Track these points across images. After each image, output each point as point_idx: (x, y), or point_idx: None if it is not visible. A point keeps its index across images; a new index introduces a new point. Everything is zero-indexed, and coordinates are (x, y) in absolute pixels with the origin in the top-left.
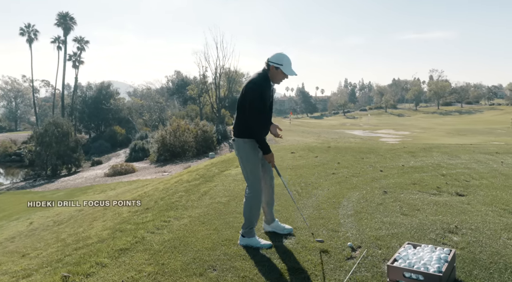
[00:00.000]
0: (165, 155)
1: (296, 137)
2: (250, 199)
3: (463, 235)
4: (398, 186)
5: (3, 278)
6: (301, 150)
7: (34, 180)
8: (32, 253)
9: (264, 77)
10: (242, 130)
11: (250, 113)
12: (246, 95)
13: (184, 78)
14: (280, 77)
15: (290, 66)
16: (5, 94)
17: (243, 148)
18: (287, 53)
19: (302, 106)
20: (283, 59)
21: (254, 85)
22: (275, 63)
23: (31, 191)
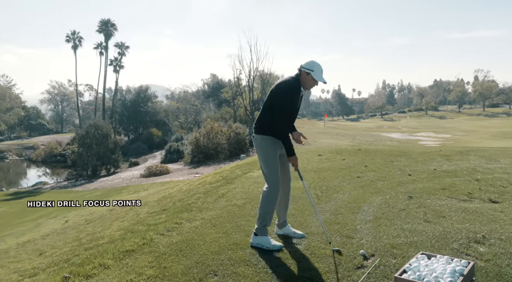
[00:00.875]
0: (199, 157)
1: (330, 140)
2: (267, 194)
3: (491, 246)
4: (426, 191)
5: (12, 277)
6: (329, 153)
7: (75, 179)
8: (48, 252)
9: (296, 81)
10: (262, 127)
11: (278, 114)
12: (276, 96)
13: (219, 81)
14: (310, 83)
15: (321, 73)
16: (52, 98)
17: (261, 144)
18: (320, 62)
19: (338, 109)
20: (314, 66)
21: (285, 88)
22: (306, 69)
23: (72, 190)
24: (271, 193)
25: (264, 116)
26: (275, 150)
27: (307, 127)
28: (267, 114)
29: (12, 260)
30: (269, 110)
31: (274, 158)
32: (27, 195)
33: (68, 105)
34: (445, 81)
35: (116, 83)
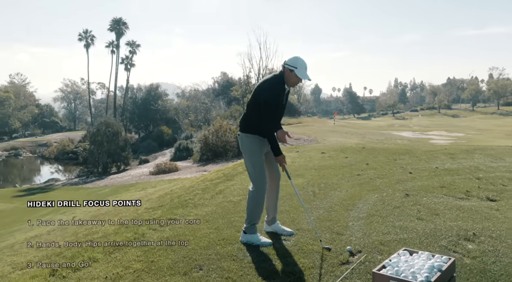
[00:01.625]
0: (207, 155)
1: (339, 139)
2: (254, 195)
3: (480, 243)
4: (423, 189)
5: (5, 269)
6: (332, 151)
7: (86, 176)
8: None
9: (279, 79)
10: (247, 126)
11: (263, 113)
12: (260, 94)
13: (229, 79)
14: (294, 80)
15: (305, 70)
16: (65, 96)
17: (246, 142)
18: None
19: (349, 107)
20: (297, 63)
21: (269, 85)
22: (290, 66)
23: (82, 187)
24: (257, 192)
25: (249, 115)
26: (260, 149)
27: (317, 125)
28: (251, 112)
29: (11, 253)
30: (253, 108)
31: (259, 157)
32: (39, 191)
33: (81, 103)
34: (459, 79)
35: (127, 82)
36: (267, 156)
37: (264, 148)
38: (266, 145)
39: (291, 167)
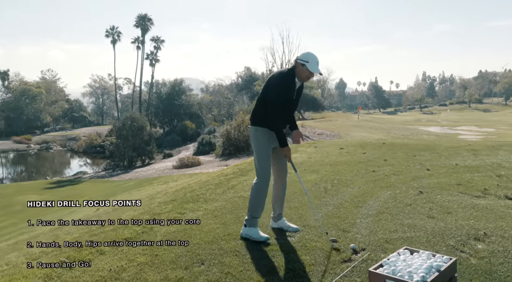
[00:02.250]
0: (230, 149)
1: (363, 134)
2: (256, 187)
3: (490, 243)
4: (439, 186)
5: (19, 260)
6: (351, 146)
7: (113, 170)
8: (61, 237)
9: (290, 73)
10: (257, 119)
11: (271, 107)
12: (269, 88)
13: (252, 74)
14: (305, 74)
15: (316, 64)
16: (93, 91)
17: (255, 135)
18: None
19: (374, 101)
20: (309, 57)
21: (279, 79)
22: (301, 60)
23: (108, 180)
24: (260, 186)
25: (258, 108)
26: (268, 143)
27: (341, 120)
28: (261, 106)
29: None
30: (263, 102)
31: (265, 151)
32: (68, 184)
33: (108, 98)
34: (491, 72)
35: (152, 77)
36: (275, 152)
37: (272, 142)
38: (274, 139)
39: (307, 163)
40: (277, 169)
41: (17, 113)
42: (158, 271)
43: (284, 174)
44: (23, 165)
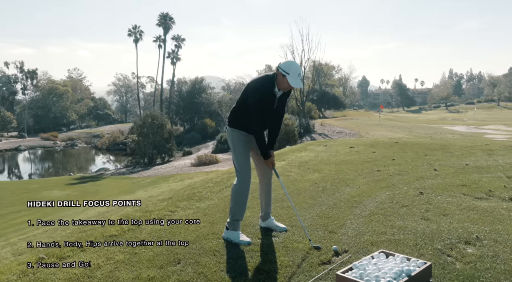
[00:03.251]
0: None
1: (384, 132)
2: (236, 188)
3: (480, 247)
4: (441, 187)
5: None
6: (362, 145)
7: (133, 167)
8: (58, 232)
9: (270, 81)
10: (233, 120)
11: (251, 115)
12: (248, 94)
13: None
14: (285, 85)
15: (297, 77)
16: (117, 89)
17: (231, 137)
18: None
19: (398, 100)
20: (290, 68)
21: (255, 88)
22: (283, 70)
23: (128, 176)
24: (239, 187)
25: (236, 110)
26: (245, 144)
27: (362, 119)
28: (239, 108)
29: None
30: (242, 104)
31: (243, 152)
32: (90, 180)
33: (132, 97)
34: None
35: (173, 75)
36: (258, 153)
37: (250, 144)
38: (253, 142)
39: (312, 162)
40: (261, 168)
41: (45, 111)
42: (132, 269)
43: (268, 173)
44: (50, 161)
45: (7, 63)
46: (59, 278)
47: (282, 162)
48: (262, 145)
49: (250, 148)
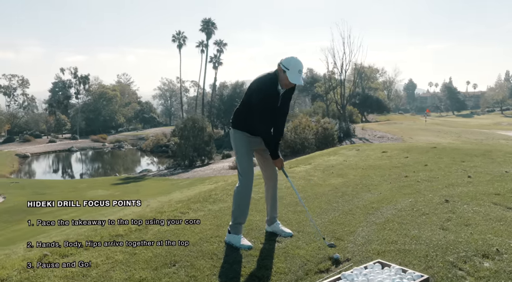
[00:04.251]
0: (286, 151)
1: (430, 137)
2: (237, 191)
3: (499, 262)
4: (471, 195)
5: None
6: (396, 150)
7: (174, 168)
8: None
9: (271, 79)
10: (237, 122)
11: (255, 114)
12: (252, 94)
13: (314, 75)
14: (286, 82)
15: (297, 73)
16: (163, 94)
17: (233, 138)
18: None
19: (447, 103)
20: (290, 63)
21: (258, 88)
22: (283, 66)
23: (168, 178)
24: (241, 190)
25: (239, 111)
26: (247, 146)
27: (407, 123)
28: (242, 109)
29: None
30: (245, 105)
31: (245, 155)
32: (133, 181)
33: (176, 100)
34: None
35: (215, 79)
36: (263, 155)
37: (253, 145)
38: (256, 143)
39: (339, 166)
40: (266, 170)
41: (95, 114)
42: (127, 270)
43: (273, 176)
44: (99, 161)
45: (63, 70)
46: (56, 275)
47: (307, 165)
48: (271, 145)
49: (253, 150)
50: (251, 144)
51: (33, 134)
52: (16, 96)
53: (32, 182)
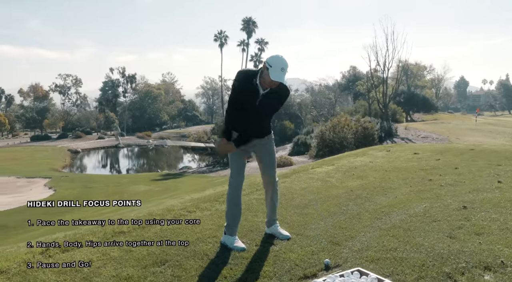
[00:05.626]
0: (324, 151)
1: (479, 138)
2: (227, 194)
3: (501, 275)
4: (493, 202)
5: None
6: (429, 151)
7: (213, 166)
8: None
9: (249, 71)
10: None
11: (229, 109)
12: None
13: (356, 73)
14: (268, 79)
15: (279, 70)
16: (205, 92)
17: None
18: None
19: (503, 102)
20: (273, 61)
21: (235, 80)
22: (267, 63)
23: (206, 175)
24: (229, 193)
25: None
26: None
27: (455, 123)
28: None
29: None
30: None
31: (235, 157)
32: (172, 177)
33: (218, 99)
34: None
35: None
36: (261, 160)
37: (247, 149)
38: (251, 145)
39: (362, 167)
40: (263, 175)
41: (141, 112)
42: (117, 267)
43: (272, 182)
44: (144, 158)
45: (112, 69)
46: (49, 270)
47: (330, 166)
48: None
49: (248, 152)
50: (244, 148)
51: (84, 131)
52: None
53: (80, 176)
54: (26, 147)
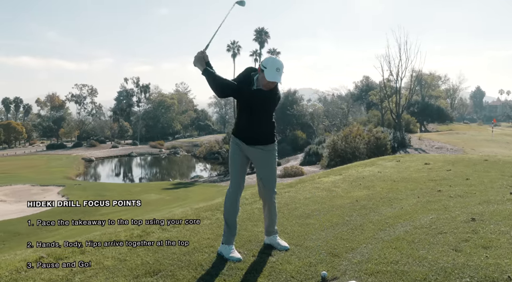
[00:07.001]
0: (336, 160)
1: (495, 149)
2: (224, 203)
3: None
4: (503, 214)
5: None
6: (440, 162)
7: (224, 175)
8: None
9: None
10: (234, 126)
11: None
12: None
13: (369, 83)
14: (264, 81)
15: (274, 71)
16: (218, 101)
17: (231, 144)
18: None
19: None
20: (268, 63)
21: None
22: (262, 66)
23: (216, 184)
24: (225, 200)
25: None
26: (237, 154)
27: (470, 133)
28: (237, 115)
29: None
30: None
31: (233, 164)
32: (183, 186)
33: (230, 108)
34: None
35: None
36: (261, 171)
37: (244, 153)
38: (248, 152)
39: (370, 178)
40: (260, 189)
41: (154, 121)
42: (109, 276)
43: (270, 195)
44: (157, 166)
45: (126, 79)
46: (42, 278)
47: (337, 176)
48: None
49: (246, 163)
50: (242, 152)
51: (98, 139)
52: (86, 104)
53: (93, 184)
54: (41, 155)
